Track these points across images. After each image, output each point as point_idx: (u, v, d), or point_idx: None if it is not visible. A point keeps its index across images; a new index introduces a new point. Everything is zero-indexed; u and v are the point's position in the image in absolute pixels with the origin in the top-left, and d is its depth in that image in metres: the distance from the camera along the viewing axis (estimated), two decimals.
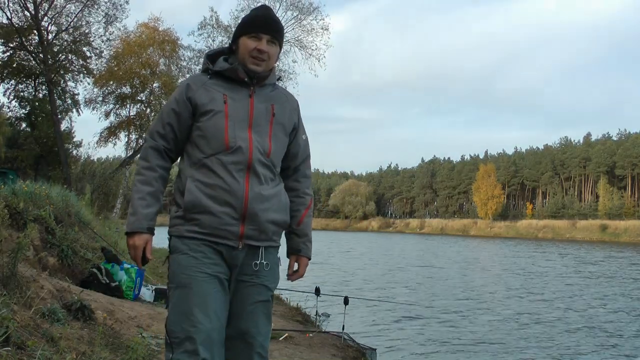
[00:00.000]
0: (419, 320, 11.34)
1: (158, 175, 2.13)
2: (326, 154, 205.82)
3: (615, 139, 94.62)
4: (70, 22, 22.33)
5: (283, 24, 2.33)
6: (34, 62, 22.69)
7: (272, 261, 2.17)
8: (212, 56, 2.23)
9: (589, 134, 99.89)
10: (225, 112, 2.08)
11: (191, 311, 1.94)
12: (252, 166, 2.06)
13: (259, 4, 2.23)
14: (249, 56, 2.12)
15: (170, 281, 2.05)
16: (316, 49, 24.39)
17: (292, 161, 2.30)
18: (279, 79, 2.30)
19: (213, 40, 23.67)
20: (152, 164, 2.13)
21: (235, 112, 2.10)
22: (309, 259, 2.33)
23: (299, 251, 2.30)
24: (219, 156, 2.05)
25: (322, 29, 24.31)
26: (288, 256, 2.32)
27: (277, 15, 2.26)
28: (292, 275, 2.31)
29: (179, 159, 2.25)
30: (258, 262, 2.11)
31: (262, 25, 2.13)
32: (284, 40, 2.61)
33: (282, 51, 2.29)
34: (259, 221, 2.08)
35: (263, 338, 2.11)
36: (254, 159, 2.07)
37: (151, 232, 2.08)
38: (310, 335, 7.06)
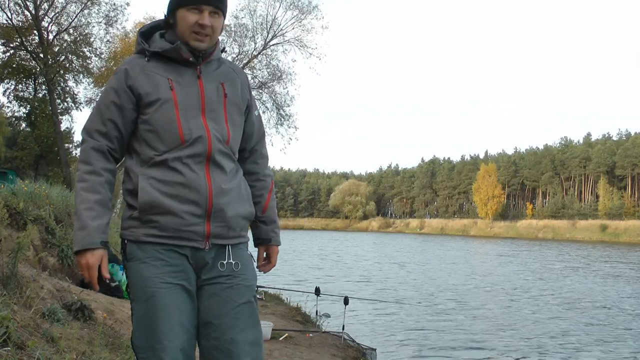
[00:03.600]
0: (419, 320, 11.33)
1: (104, 180, 1.84)
2: (326, 154, 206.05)
3: (615, 139, 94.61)
4: (71, 22, 22.35)
5: (283, 24, 2.27)
6: (34, 62, 22.71)
7: (243, 258, 1.93)
8: (145, 33, 1.94)
9: (589, 134, 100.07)
10: (174, 101, 1.83)
11: (156, 326, 1.75)
12: (212, 157, 1.84)
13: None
14: (190, 32, 1.84)
15: (130, 292, 1.84)
16: (316, 48, 24.41)
17: (248, 142, 2.06)
18: (224, 50, 2.06)
19: None
20: (96, 167, 1.83)
21: (185, 99, 1.85)
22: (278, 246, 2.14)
23: (269, 241, 2.10)
24: (175, 152, 1.81)
25: (322, 27, 24.42)
26: (256, 246, 2.12)
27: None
28: (264, 266, 2.12)
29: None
30: (225, 262, 1.87)
31: None
32: (284, 40, 2.57)
33: (282, 51, 2.20)
34: (226, 216, 1.86)
35: (249, 346, 1.83)
36: (214, 149, 1.84)
37: (105, 246, 1.79)
38: (310, 335, 7.07)
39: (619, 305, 13.78)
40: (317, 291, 7.83)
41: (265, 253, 2.13)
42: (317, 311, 8.43)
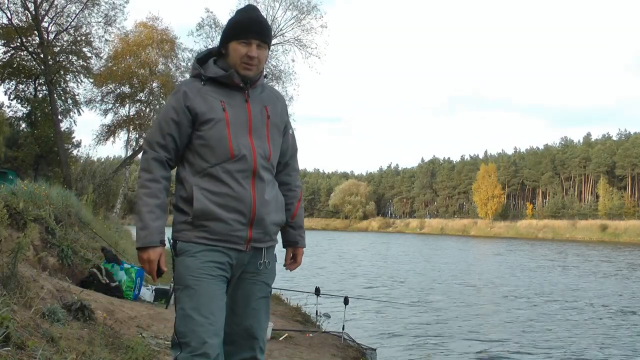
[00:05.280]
0: (419, 319, 11.34)
1: (162, 187, 2.15)
2: (326, 154, 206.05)
3: (615, 139, 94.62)
4: (71, 22, 22.34)
5: (282, 24, 2.37)
6: (34, 62, 22.69)
7: (272, 259, 2.28)
8: (201, 60, 2.26)
9: (589, 134, 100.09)
10: (227, 121, 2.12)
11: (199, 312, 2.02)
12: (257, 172, 2.13)
13: (247, 4, 2.22)
14: (240, 62, 2.15)
15: (176, 283, 2.11)
16: (316, 48, 24.39)
17: (283, 157, 2.36)
18: (265, 76, 2.36)
19: (212, 40, 23.72)
20: (156, 175, 2.14)
21: (235, 119, 2.14)
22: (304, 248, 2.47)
23: (296, 243, 2.41)
24: (224, 165, 2.10)
25: (321, 27, 24.44)
26: (284, 247, 2.43)
27: (270, 16, 2.29)
28: (291, 265, 2.43)
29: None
30: (262, 262, 2.21)
31: (252, 31, 2.15)
32: (284, 40, 2.65)
33: (281, 51, 2.31)
34: (265, 225, 2.17)
35: (263, 332, 2.24)
36: (258, 165, 2.14)
37: (163, 244, 2.12)
38: (310, 335, 7.08)
39: (611, 303, 13.81)
40: (317, 291, 7.83)
41: (292, 254, 2.44)
42: (317, 311, 8.43)
